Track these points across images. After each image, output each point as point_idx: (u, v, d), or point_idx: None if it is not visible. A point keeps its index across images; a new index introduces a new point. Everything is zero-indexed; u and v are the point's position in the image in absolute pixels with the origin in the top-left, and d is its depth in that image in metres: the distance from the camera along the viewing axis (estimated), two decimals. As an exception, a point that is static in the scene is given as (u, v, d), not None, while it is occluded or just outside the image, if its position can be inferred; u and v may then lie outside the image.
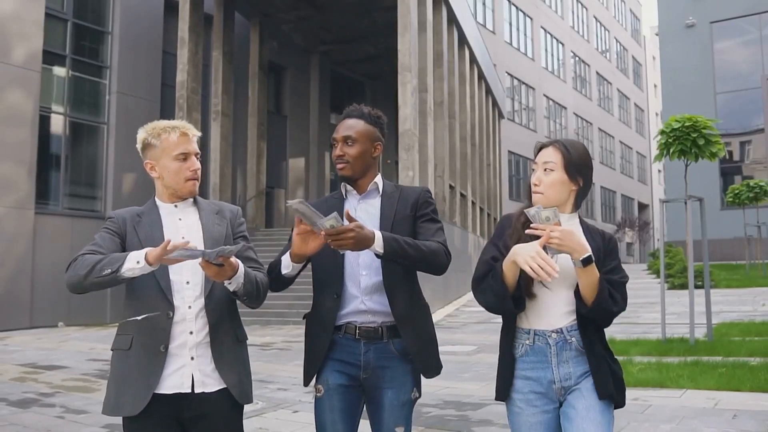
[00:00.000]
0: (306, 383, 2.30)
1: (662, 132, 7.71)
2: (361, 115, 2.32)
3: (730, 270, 19.86)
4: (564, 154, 2.03)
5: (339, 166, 2.30)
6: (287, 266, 2.18)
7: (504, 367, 2.08)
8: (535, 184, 2.05)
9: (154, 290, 2.08)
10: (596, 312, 1.95)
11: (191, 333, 2.09)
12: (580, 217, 2.14)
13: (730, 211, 22.50)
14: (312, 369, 2.28)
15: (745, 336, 8.18)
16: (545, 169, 2.04)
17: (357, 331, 2.22)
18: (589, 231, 2.08)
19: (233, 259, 1.98)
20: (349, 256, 2.23)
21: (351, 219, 2.01)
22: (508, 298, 1.95)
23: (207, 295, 2.11)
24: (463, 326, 11.77)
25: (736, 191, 19.18)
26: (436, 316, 13.06)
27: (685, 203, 7.97)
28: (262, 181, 18.17)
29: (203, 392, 2.08)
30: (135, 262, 1.94)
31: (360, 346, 2.22)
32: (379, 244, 2.06)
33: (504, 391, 2.08)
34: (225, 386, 2.11)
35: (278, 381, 6.59)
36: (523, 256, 1.86)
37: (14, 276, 12.97)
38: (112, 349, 2.15)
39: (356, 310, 2.23)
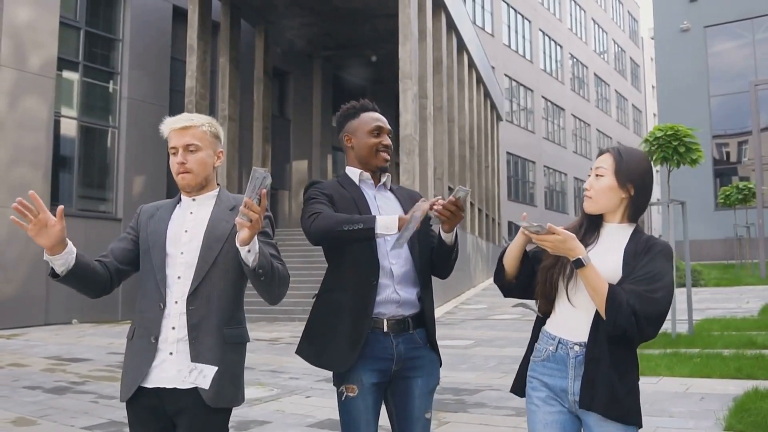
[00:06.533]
0: (345, 368, 2.20)
1: (646, 140, 8.26)
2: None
3: (722, 270, 20.37)
4: (616, 159, 1.99)
5: (385, 156, 2.37)
6: (389, 228, 2.06)
7: (523, 365, 2.12)
8: (586, 189, 2.04)
9: (152, 283, 2.11)
10: (610, 328, 1.85)
11: (173, 329, 2.07)
12: (640, 230, 2.02)
13: (723, 212, 23.02)
14: (353, 353, 2.16)
15: (724, 331, 8.71)
16: (596, 175, 2.02)
17: (385, 324, 2.22)
18: (636, 239, 1.98)
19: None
20: (378, 243, 2.23)
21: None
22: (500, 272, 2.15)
23: (191, 292, 2.07)
24: (461, 323, 12.28)
25: (727, 193, 19.68)
26: (436, 314, 13.56)
27: (668, 206, 8.52)
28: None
29: (175, 388, 2.03)
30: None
31: (390, 340, 2.22)
32: (453, 234, 2.22)
33: (518, 386, 2.12)
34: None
35: (289, 371, 7.14)
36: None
37: (30, 275, 13.47)
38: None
39: (389, 299, 2.23)
